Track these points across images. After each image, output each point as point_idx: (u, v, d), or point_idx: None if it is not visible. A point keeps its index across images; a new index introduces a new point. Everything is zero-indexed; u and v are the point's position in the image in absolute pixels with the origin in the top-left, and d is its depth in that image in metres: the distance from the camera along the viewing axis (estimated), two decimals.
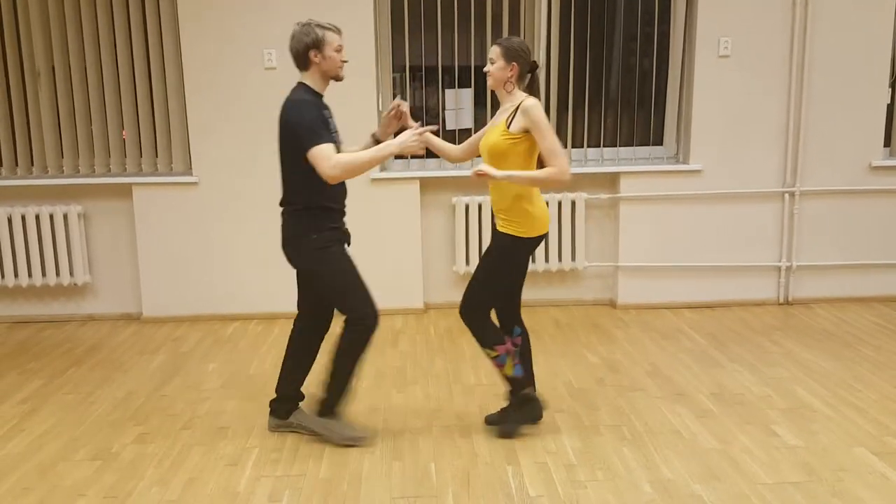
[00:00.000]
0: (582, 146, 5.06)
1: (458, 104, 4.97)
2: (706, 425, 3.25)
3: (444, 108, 4.98)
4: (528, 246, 3.02)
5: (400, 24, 4.84)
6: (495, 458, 3.00)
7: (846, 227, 5.01)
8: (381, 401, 3.60)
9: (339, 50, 2.98)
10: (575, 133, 5.03)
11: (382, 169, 4.90)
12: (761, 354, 4.11)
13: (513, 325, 3.22)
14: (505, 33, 4.85)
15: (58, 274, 4.92)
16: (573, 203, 4.92)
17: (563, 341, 4.40)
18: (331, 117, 3.06)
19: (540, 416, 3.22)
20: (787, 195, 4.95)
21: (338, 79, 3.04)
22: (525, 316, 4.88)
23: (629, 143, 5.08)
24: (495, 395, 3.62)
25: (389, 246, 4.93)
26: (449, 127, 4.99)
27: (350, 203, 4.88)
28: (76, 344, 4.56)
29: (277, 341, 4.52)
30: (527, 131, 2.91)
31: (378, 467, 2.95)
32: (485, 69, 3.04)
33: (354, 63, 4.73)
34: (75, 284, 4.98)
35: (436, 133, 4.10)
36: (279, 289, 4.98)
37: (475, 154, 3.27)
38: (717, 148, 4.90)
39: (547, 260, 4.98)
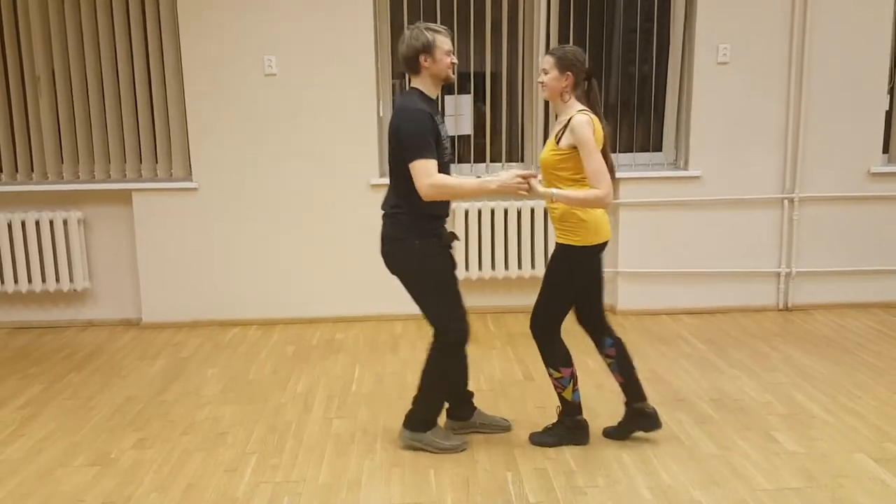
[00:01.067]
0: None
1: (457, 110, 4.98)
2: (706, 431, 3.25)
3: (443, 114, 4.98)
4: (586, 255, 2.98)
5: (399, 29, 4.85)
6: (495, 465, 2.99)
7: (845, 234, 5.01)
8: (380, 407, 3.60)
9: (448, 52, 2.92)
10: None
11: (384, 174, 4.91)
12: (761, 360, 4.11)
13: (603, 336, 3.17)
14: (504, 39, 4.86)
15: (58, 280, 4.92)
16: None
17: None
18: (442, 123, 3.02)
19: (646, 420, 3.14)
20: (786, 201, 4.96)
21: (448, 81, 2.99)
22: (524, 322, 4.87)
23: (629, 150, 5.09)
24: (494, 400, 3.61)
25: None
26: (448, 133, 4.98)
27: (351, 207, 4.90)
28: (76, 349, 4.56)
29: (276, 347, 4.51)
30: (575, 147, 2.88)
31: (377, 474, 2.95)
32: (539, 80, 2.99)
33: (354, 69, 4.74)
34: (75, 290, 4.98)
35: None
36: (278, 295, 4.98)
37: None
38: (716, 154, 4.90)
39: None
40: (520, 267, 4.96)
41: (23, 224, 4.85)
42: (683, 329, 4.70)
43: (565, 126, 2.91)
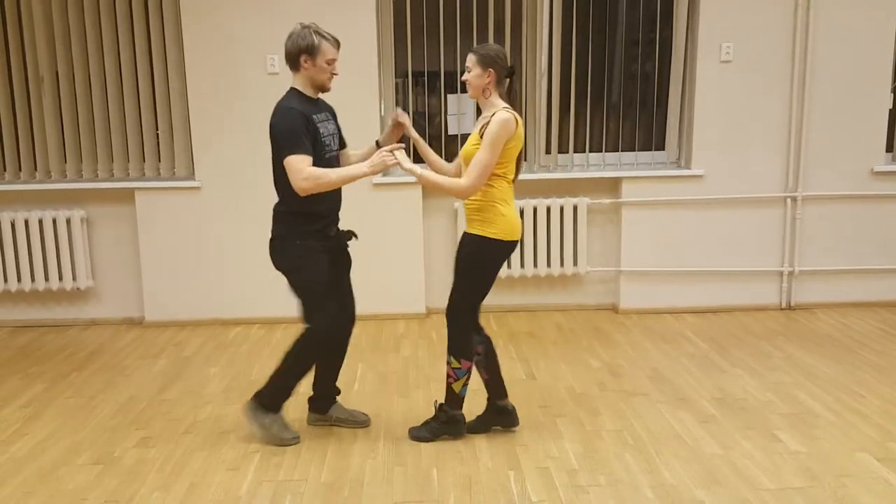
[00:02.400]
0: (584, 151, 5.06)
1: (460, 109, 4.98)
2: (708, 430, 3.25)
3: (446, 114, 4.98)
4: (501, 249, 3.00)
5: (402, 29, 4.85)
6: (497, 464, 2.99)
7: (848, 233, 5.00)
8: (383, 405, 3.60)
9: (330, 62, 3.01)
10: (577, 138, 5.03)
11: (385, 174, 4.91)
12: (763, 359, 4.10)
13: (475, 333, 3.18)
14: (507, 39, 4.86)
15: (60, 278, 4.93)
16: (575, 208, 4.92)
17: (565, 346, 4.40)
18: (327, 120, 3.10)
19: (506, 416, 3.25)
20: (789, 200, 4.95)
21: (324, 89, 3.08)
22: (527, 320, 4.88)
23: (631, 148, 5.08)
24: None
25: (392, 250, 4.94)
26: (451, 132, 4.99)
27: (353, 208, 4.88)
28: (78, 348, 4.57)
29: (279, 346, 4.52)
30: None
31: (380, 472, 2.95)
32: (462, 78, 3.04)
33: (356, 68, 4.74)
34: (78, 289, 4.99)
35: (429, 142, 4.01)
36: (281, 293, 4.96)
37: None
38: (718, 153, 4.90)
39: (549, 265, 4.98)
40: (522, 266, 4.96)
41: (26, 223, 4.86)
42: (686, 328, 4.70)
43: (488, 122, 2.91)
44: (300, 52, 2.97)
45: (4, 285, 4.93)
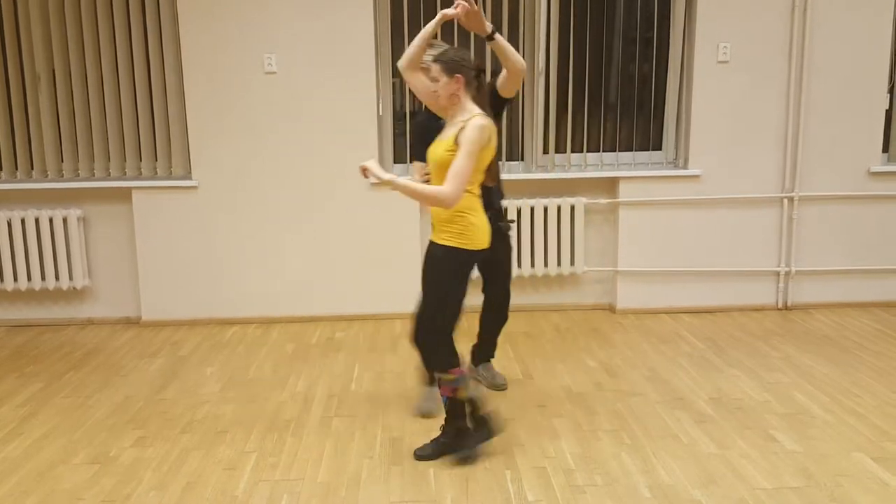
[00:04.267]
0: (581, 151, 5.07)
1: None
2: (705, 430, 3.25)
3: None
4: (473, 258, 2.92)
5: (399, 28, 4.85)
6: (494, 463, 2.99)
7: (845, 233, 5.01)
8: (379, 405, 3.60)
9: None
10: (574, 138, 5.04)
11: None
12: (760, 359, 4.11)
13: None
14: (505, 38, 4.84)
15: (57, 277, 4.92)
16: (572, 207, 4.93)
17: (562, 346, 4.40)
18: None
19: (493, 434, 3.08)
20: (786, 200, 4.96)
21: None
22: (524, 320, 4.88)
23: (628, 148, 5.09)
24: (494, 399, 3.61)
25: (389, 250, 4.93)
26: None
27: (350, 208, 4.90)
28: (75, 347, 4.56)
29: (276, 345, 4.52)
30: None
31: (377, 472, 2.95)
32: (431, 90, 2.92)
33: (354, 68, 4.74)
34: (74, 288, 4.98)
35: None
36: (278, 293, 4.98)
37: None
38: (716, 153, 4.90)
39: (546, 264, 4.98)
40: (519, 266, 4.96)
41: (22, 222, 4.85)
42: (683, 328, 4.70)
43: (463, 127, 2.82)
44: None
45: (1, 284, 4.92)
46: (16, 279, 4.92)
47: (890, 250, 5.03)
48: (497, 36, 3.13)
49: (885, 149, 5.04)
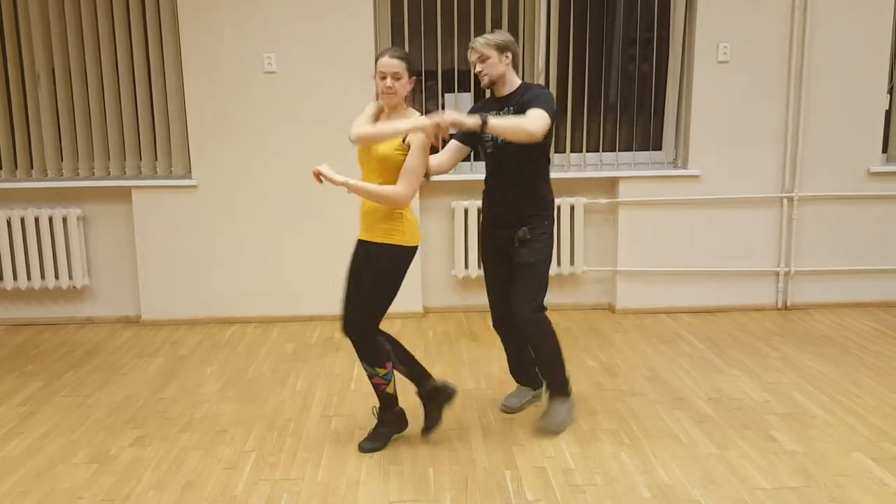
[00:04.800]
0: (581, 151, 5.07)
1: (457, 108, 4.97)
2: (704, 430, 3.25)
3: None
4: (410, 255, 2.97)
5: (399, 28, 4.85)
6: (493, 463, 2.99)
7: (845, 233, 5.01)
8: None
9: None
10: (574, 138, 5.04)
11: None
12: (760, 359, 4.11)
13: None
14: None
15: (57, 277, 4.92)
16: (572, 207, 4.92)
17: (561, 345, 4.38)
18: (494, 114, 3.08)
19: (406, 425, 3.22)
20: (785, 200, 4.96)
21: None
22: None
23: (628, 148, 5.09)
24: (494, 400, 3.61)
25: None
26: (450, 131, 4.98)
27: (350, 205, 4.89)
28: (74, 347, 4.56)
29: (275, 345, 4.51)
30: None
31: (376, 472, 2.95)
32: (389, 87, 2.88)
33: (354, 68, 4.74)
34: (74, 287, 4.98)
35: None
36: (278, 292, 4.98)
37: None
38: (716, 153, 4.90)
39: None
40: None
41: (22, 221, 4.85)
42: (682, 328, 4.70)
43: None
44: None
45: (1, 283, 4.92)
46: (15, 278, 4.92)
47: (890, 250, 5.03)
48: (490, 121, 2.89)
49: (885, 149, 5.04)
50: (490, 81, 3.13)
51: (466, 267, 4.95)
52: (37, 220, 4.86)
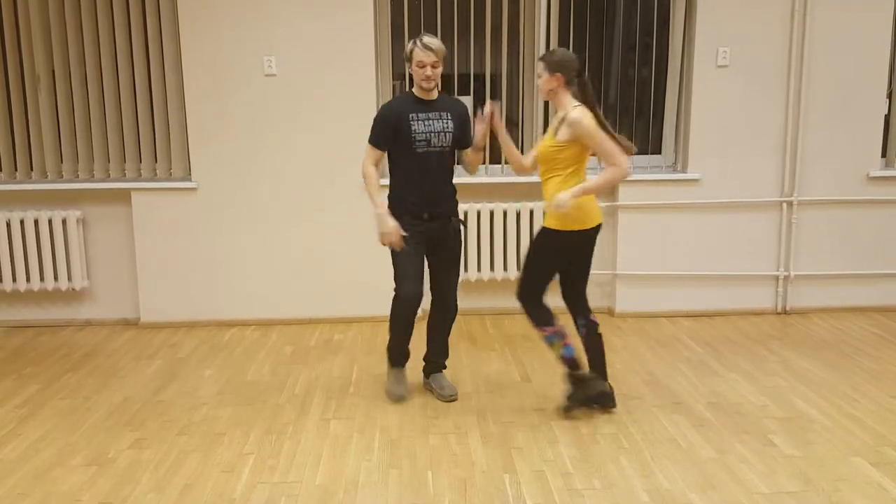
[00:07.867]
0: None
1: None
2: (703, 434, 3.25)
3: None
4: (562, 239, 3.24)
5: (400, 31, 4.86)
6: (492, 467, 2.99)
7: (844, 237, 5.02)
8: (378, 407, 3.60)
9: (420, 64, 3.34)
10: None
11: (384, 175, 4.89)
12: (759, 364, 4.11)
13: (577, 317, 3.50)
14: (504, 42, 4.87)
15: (56, 278, 4.92)
16: None
17: None
18: (424, 120, 3.43)
19: (602, 397, 3.43)
20: (785, 205, 4.96)
21: (422, 88, 3.43)
22: (522, 323, 4.88)
23: None
24: (493, 403, 3.61)
25: (388, 253, 4.92)
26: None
27: (350, 207, 4.90)
28: (73, 349, 4.56)
29: (274, 347, 4.51)
30: (572, 140, 3.15)
31: (375, 475, 2.95)
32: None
33: (354, 69, 4.74)
34: (73, 289, 4.98)
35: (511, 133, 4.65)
36: (277, 295, 4.98)
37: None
38: (715, 157, 4.91)
39: None
40: (518, 269, 4.95)
41: (21, 223, 4.85)
42: (681, 332, 4.70)
43: (561, 121, 3.19)
44: (405, 60, 3.43)
45: (0, 285, 4.92)
46: (15, 280, 4.92)
47: (889, 255, 5.04)
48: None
49: (884, 153, 5.04)
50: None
51: (466, 270, 4.95)
52: (36, 221, 4.86)
